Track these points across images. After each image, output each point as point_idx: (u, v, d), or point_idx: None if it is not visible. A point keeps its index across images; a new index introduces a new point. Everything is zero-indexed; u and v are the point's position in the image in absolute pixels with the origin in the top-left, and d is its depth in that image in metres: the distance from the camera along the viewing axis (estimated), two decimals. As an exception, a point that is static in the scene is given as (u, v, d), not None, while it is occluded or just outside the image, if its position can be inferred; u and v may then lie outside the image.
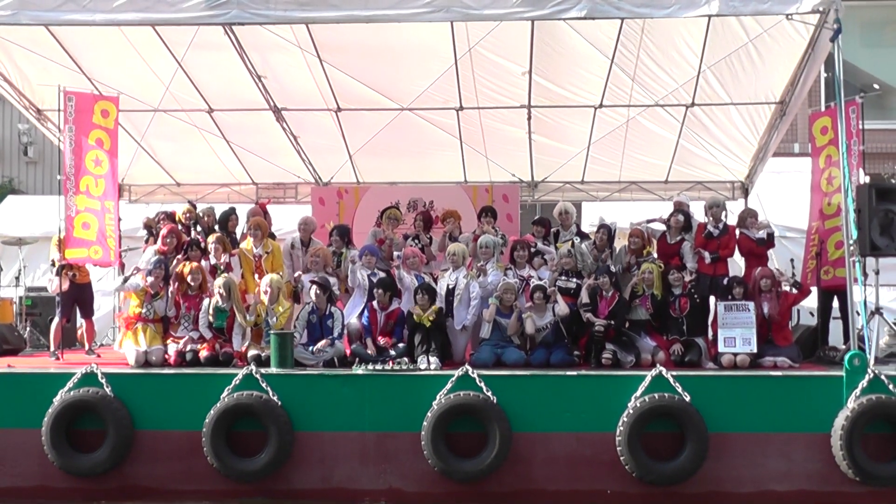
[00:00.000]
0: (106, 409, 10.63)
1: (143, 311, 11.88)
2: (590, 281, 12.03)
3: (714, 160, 16.20)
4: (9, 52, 13.48)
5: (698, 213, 13.68)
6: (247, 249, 12.94)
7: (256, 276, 12.74)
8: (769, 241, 12.85)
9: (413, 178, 16.98)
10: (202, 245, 12.98)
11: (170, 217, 13.89)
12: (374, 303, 11.95)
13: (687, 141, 15.65)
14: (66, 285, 12.83)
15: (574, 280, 12.32)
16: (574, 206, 13.83)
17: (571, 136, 15.79)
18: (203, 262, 12.54)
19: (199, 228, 13.75)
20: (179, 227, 13.74)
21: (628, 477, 10.36)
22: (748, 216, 13.11)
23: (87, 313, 13.55)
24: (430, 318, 11.60)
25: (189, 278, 12.02)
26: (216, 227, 13.59)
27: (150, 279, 12.03)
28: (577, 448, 10.55)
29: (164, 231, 13.04)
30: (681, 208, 13.44)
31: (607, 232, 12.98)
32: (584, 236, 13.44)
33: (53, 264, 12.90)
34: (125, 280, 12.28)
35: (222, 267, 12.72)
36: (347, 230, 13.56)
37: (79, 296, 13.30)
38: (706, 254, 12.69)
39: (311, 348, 11.43)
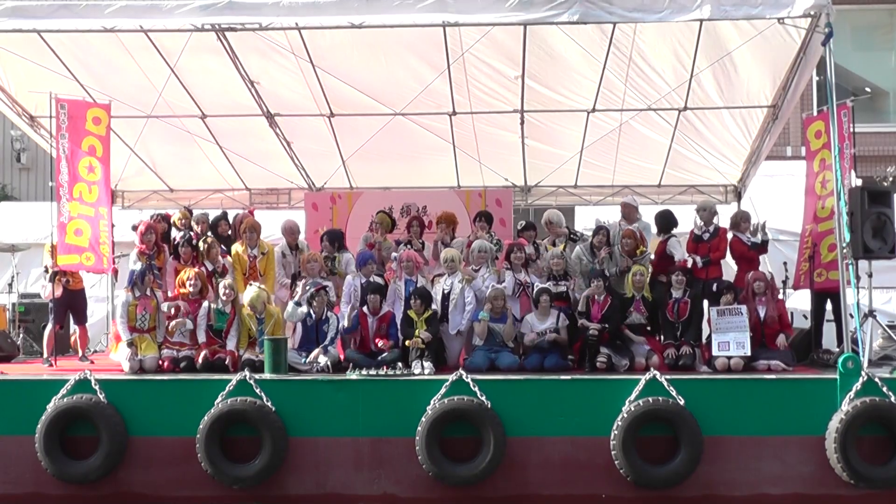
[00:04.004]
0: (99, 416, 10.61)
1: (137, 323, 11.82)
2: (588, 291, 11.95)
3: (707, 164, 16.20)
4: (1, 58, 13.42)
5: (687, 219, 13.66)
6: (241, 251, 12.92)
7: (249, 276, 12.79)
8: (762, 246, 12.84)
9: (406, 183, 16.94)
10: (194, 242, 12.94)
11: (164, 219, 13.84)
12: (365, 308, 11.94)
13: (680, 145, 15.65)
14: (59, 291, 12.79)
15: (563, 283, 12.31)
16: (560, 213, 13.80)
17: (564, 140, 15.78)
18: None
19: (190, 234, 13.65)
20: (174, 231, 13.71)
21: (623, 481, 10.36)
22: (741, 220, 13.10)
23: (81, 320, 13.50)
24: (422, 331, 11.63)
25: (188, 284, 11.97)
26: (209, 233, 13.55)
27: (137, 292, 11.94)
28: (571, 452, 10.55)
29: (141, 228, 12.93)
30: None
31: (606, 234, 12.94)
32: (577, 238, 13.41)
33: (47, 270, 12.87)
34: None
35: (219, 270, 12.70)
36: (339, 234, 13.55)
37: (72, 302, 13.24)
38: (697, 258, 12.67)
39: (303, 361, 11.43)
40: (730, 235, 13.00)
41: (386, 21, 11.02)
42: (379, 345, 11.62)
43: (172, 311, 11.91)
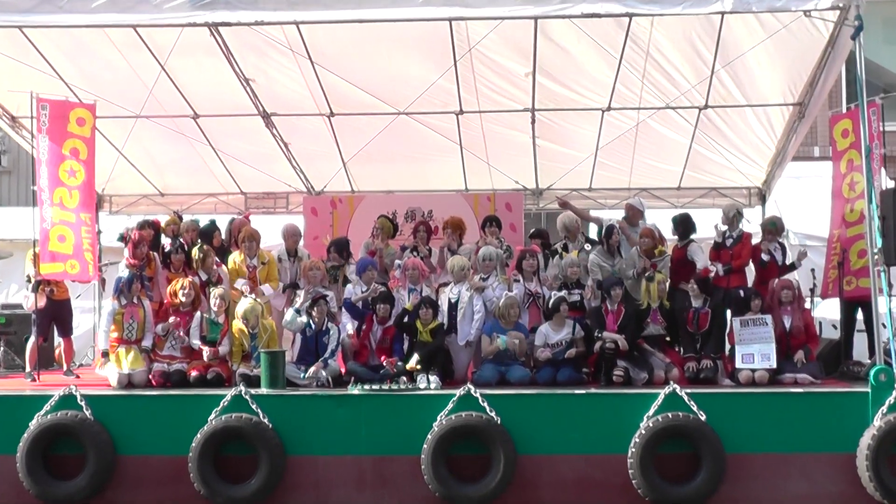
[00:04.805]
0: (85, 433, 10.61)
1: (124, 333, 11.83)
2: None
3: (729, 165, 16.22)
4: (-19, 55, 13.50)
5: (708, 224, 13.65)
6: (239, 261, 12.95)
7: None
8: (786, 267, 12.75)
9: (411, 187, 16.99)
10: (186, 248, 12.99)
11: (152, 226, 13.84)
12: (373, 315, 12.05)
13: (700, 145, 15.66)
14: (42, 302, 12.81)
15: (577, 292, 12.32)
16: (573, 217, 13.81)
17: (578, 140, 15.80)
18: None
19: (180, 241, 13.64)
20: (163, 237, 13.74)
21: (641, 501, 10.34)
22: (766, 231, 13.05)
23: (66, 332, 13.51)
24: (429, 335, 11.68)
25: (181, 294, 11.99)
26: (200, 242, 13.53)
27: (124, 300, 11.95)
28: (586, 471, 10.55)
29: (133, 240, 12.87)
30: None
31: (618, 233, 12.97)
32: (594, 243, 13.41)
33: (29, 280, 12.89)
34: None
35: (214, 280, 12.72)
36: (346, 244, 13.56)
37: (56, 313, 13.26)
38: (719, 266, 12.65)
39: (302, 376, 11.45)
40: (755, 241, 12.99)
41: (389, 15, 11.04)
42: (384, 363, 11.63)
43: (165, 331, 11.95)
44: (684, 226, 13.24)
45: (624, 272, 12.62)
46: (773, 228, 13.12)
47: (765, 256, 12.70)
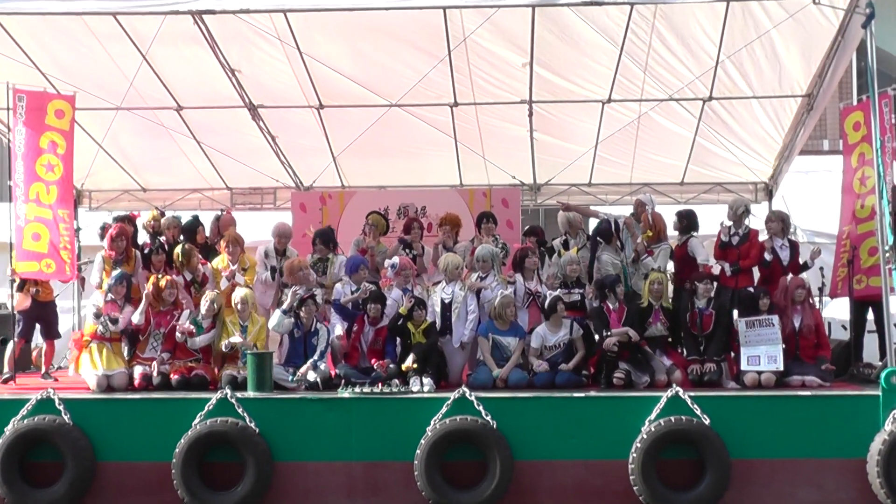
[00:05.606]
0: (64, 439, 10.62)
1: (99, 329, 11.83)
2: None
3: (735, 159, 16.23)
4: (-46, 44, 13.49)
5: (713, 221, 13.66)
6: (223, 266, 12.94)
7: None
8: (795, 265, 12.75)
9: (403, 182, 16.99)
10: (166, 249, 12.98)
11: (129, 220, 13.80)
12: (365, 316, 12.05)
13: (704, 138, 15.67)
14: (27, 303, 12.80)
15: (577, 291, 12.33)
16: (574, 214, 13.81)
17: (577, 134, 15.82)
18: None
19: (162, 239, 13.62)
20: (144, 235, 13.71)
21: (643, 509, 10.39)
22: (768, 221, 13.03)
23: (51, 334, 13.43)
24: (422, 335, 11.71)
25: (165, 293, 11.99)
26: (182, 240, 13.51)
27: (110, 296, 11.97)
28: (585, 477, 10.57)
29: (112, 233, 12.86)
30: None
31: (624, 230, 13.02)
32: (596, 243, 13.40)
33: (14, 281, 12.84)
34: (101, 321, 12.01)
35: (199, 279, 12.71)
36: (331, 234, 13.54)
37: (41, 315, 13.24)
38: (726, 265, 12.64)
39: (290, 378, 11.46)
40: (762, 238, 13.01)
41: (381, 3, 11.04)
42: (375, 365, 11.63)
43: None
44: (688, 220, 13.20)
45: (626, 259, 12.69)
46: (774, 216, 13.11)
47: (767, 256, 12.65)
